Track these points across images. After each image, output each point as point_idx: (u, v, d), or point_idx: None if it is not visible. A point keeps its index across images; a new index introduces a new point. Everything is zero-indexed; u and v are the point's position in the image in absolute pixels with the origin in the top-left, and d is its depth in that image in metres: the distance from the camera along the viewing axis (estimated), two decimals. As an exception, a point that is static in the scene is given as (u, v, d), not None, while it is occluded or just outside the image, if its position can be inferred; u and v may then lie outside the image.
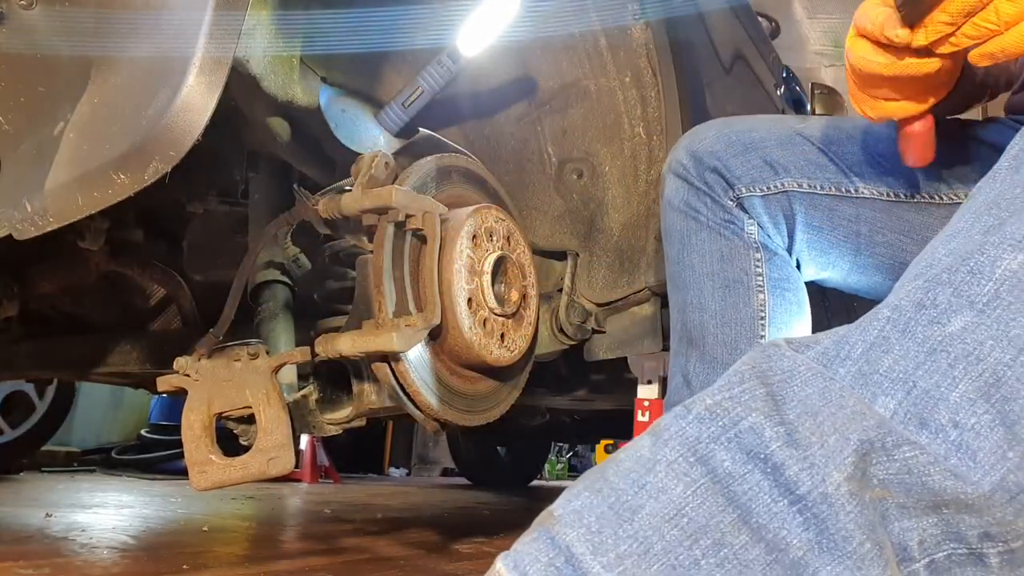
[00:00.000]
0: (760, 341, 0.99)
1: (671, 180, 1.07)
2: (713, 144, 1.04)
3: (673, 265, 1.07)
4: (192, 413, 1.11)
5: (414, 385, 1.10)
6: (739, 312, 1.00)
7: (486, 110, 1.58)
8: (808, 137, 1.01)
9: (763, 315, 1.00)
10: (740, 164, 1.01)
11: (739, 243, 1.02)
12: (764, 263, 1.02)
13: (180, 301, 1.76)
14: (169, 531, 2.01)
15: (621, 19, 1.44)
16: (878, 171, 0.99)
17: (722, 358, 1.00)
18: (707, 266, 1.03)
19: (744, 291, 1.01)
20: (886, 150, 0.99)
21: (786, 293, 1.03)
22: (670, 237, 1.07)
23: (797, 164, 1.00)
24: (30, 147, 0.87)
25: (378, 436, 5.91)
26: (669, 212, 1.07)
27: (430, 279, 1.12)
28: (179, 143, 0.80)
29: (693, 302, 1.03)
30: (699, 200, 1.04)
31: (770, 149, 1.01)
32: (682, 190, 1.05)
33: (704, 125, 1.09)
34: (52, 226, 0.83)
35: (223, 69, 0.81)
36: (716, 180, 1.02)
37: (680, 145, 1.09)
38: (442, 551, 1.87)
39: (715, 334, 1.01)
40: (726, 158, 1.02)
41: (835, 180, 0.99)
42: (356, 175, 1.11)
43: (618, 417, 3.64)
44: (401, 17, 1.30)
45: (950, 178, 0.97)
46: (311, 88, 1.20)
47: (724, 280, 1.01)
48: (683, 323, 1.04)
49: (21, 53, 0.87)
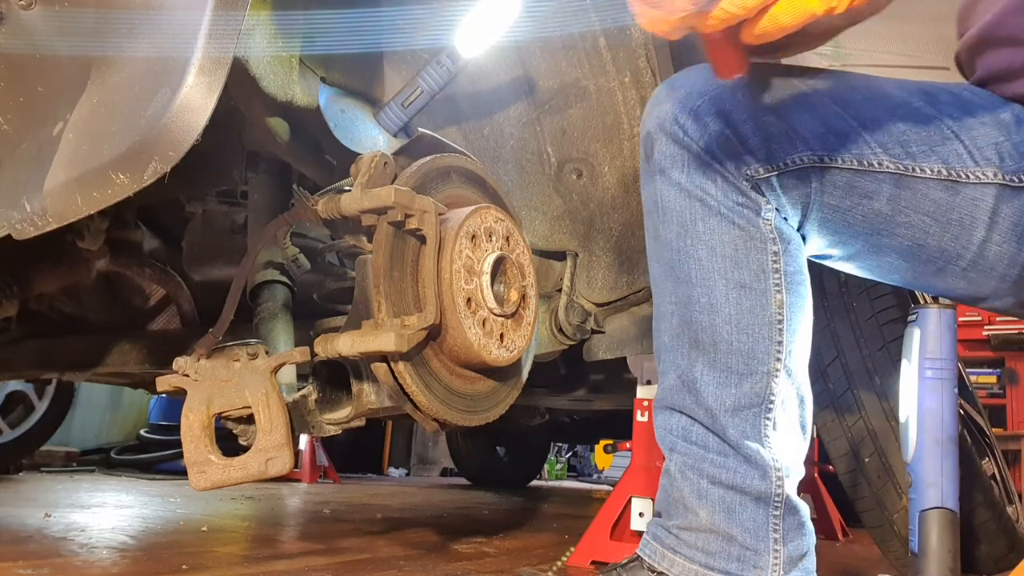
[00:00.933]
0: (777, 347, 0.94)
1: (664, 143, 0.93)
2: (717, 100, 0.90)
3: (671, 251, 0.95)
4: (191, 413, 1.11)
5: (413, 385, 1.10)
6: (756, 317, 0.93)
7: (485, 110, 1.58)
8: (823, 95, 0.92)
9: (781, 317, 0.94)
10: (752, 132, 0.89)
11: (755, 233, 0.92)
12: (781, 256, 0.93)
13: (179, 301, 1.76)
14: (168, 531, 2.01)
15: (621, 19, 1.44)
16: (902, 140, 0.92)
17: (737, 367, 0.93)
18: (718, 262, 0.92)
19: (761, 293, 0.93)
20: (907, 114, 0.92)
21: (800, 288, 0.96)
22: (665, 215, 0.95)
23: (815, 131, 0.90)
24: (29, 147, 0.87)
25: (378, 436, 5.91)
26: (664, 185, 0.94)
27: (429, 279, 1.12)
28: (178, 143, 0.80)
29: (701, 301, 0.94)
30: (707, 177, 0.91)
31: (784, 112, 0.90)
32: (683, 160, 0.92)
33: (696, 72, 0.94)
34: (51, 226, 0.83)
35: (223, 69, 0.81)
36: (726, 151, 0.89)
37: (672, 95, 0.93)
38: (442, 551, 1.87)
39: (729, 341, 0.93)
40: (736, 123, 0.89)
41: (855, 151, 0.91)
42: (355, 175, 1.11)
43: (618, 417, 3.65)
44: (401, 17, 1.30)
45: (977, 154, 0.92)
46: (310, 88, 1.20)
47: (739, 280, 0.92)
48: (686, 321, 0.95)
49: (21, 53, 0.87)
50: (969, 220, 0.92)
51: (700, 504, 0.95)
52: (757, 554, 0.94)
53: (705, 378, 0.95)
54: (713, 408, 0.94)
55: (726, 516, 0.94)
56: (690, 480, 0.96)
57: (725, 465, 0.94)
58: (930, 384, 1.10)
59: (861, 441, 1.64)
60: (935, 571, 1.05)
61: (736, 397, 0.94)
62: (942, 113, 0.94)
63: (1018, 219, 0.92)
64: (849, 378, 1.65)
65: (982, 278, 0.96)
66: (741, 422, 0.94)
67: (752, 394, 0.94)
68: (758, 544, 0.94)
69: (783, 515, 0.95)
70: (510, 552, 1.92)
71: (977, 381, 4.53)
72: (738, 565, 0.94)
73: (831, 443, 1.68)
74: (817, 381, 1.68)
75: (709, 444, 0.95)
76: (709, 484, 0.95)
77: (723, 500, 0.94)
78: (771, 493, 0.94)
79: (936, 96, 0.97)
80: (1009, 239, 0.93)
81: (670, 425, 0.99)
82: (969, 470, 1.57)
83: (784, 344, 0.94)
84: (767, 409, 0.95)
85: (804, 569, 0.96)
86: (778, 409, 0.95)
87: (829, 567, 1.94)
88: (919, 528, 1.07)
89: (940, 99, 0.96)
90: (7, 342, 1.92)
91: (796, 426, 0.99)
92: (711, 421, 0.95)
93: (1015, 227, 0.92)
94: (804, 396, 0.99)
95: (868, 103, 0.94)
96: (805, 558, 0.97)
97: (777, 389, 0.95)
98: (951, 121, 0.94)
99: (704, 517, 0.95)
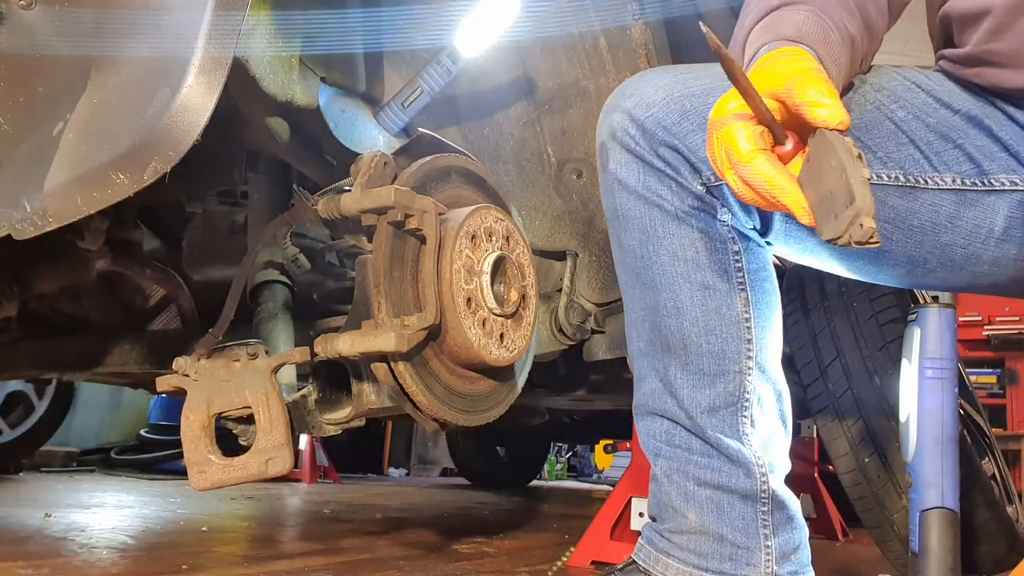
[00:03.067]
0: (747, 345, 0.94)
1: (618, 152, 0.94)
2: (664, 113, 0.91)
3: (635, 258, 0.96)
4: (191, 413, 1.11)
5: (413, 385, 1.10)
6: (723, 317, 0.94)
7: (485, 110, 1.58)
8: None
9: (747, 315, 0.94)
10: (702, 142, 0.89)
11: (714, 235, 0.93)
12: (743, 255, 0.94)
13: (179, 301, 1.76)
14: (168, 531, 2.01)
15: (621, 19, 1.44)
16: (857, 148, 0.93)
17: (709, 369, 0.94)
18: (680, 266, 0.93)
19: (726, 293, 0.94)
20: (859, 121, 0.92)
21: (764, 284, 0.97)
22: (627, 223, 0.96)
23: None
24: (30, 147, 0.87)
25: (378, 436, 5.91)
26: (621, 193, 0.95)
27: (429, 279, 1.12)
28: (178, 143, 0.80)
29: (668, 306, 0.94)
30: (661, 183, 0.92)
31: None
32: (636, 168, 0.93)
33: (648, 78, 0.95)
34: (52, 226, 0.83)
35: (223, 69, 0.81)
36: (677, 160, 0.91)
37: (621, 104, 0.94)
38: (442, 551, 1.87)
39: (698, 343, 0.94)
40: (683, 134, 0.90)
41: None
42: (355, 175, 1.11)
43: (618, 417, 3.65)
44: (401, 17, 1.30)
45: (937, 162, 0.92)
46: (310, 88, 1.20)
47: (702, 282, 0.93)
48: (656, 326, 0.96)
49: (21, 53, 0.87)
50: (930, 226, 0.92)
51: (688, 507, 0.96)
52: (749, 552, 0.94)
53: (679, 381, 0.95)
54: (690, 409, 0.95)
55: (715, 516, 0.95)
56: (677, 484, 0.96)
57: (710, 466, 0.95)
58: (930, 384, 1.10)
59: (861, 441, 1.64)
60: (935, 571, 1.05)
61: (711, 398, 0.94)
62: (895, 116, 0.94)
63: (980, 222, 0.92)
64: (849, 378, 1.65)
65: (953, 276, 0.97)
66: (719, 422, 0.94)
67: (727, 393, 0.95)
68: (749, 542, 0.94)
69: (771, 510, 0.95)
70: (510, 552, 1.92)
71: (977, 381, 4.53)
72: (731, 564, 0.94)
73: (831, 443, 1.68)
74: (817, 381, 1.68)
75: (693, 447, 0.96)
76: (696, 486, 0.95)
77: (711, 500, 0.95)
78: (757, 490, 0.95)
79: (888, 97, 0.95)
80: (973, 240, 0.93)
81: (653, 430, 0.99)
82: (969, 470, 1.57)
83: (754, 342, 0.95)
84: (743, 407, 0.95)
85: (797, 562, 0.97)
86: (755, 406, 0.96)
87: (829, 567, 1.94)
88: (919, 528, 1.08)
89: (892, 100, 0.95)
90: (7, 342, 1.92)
91: (776, 421, 1.00)
92: (691, 423, 0.95)
93: (977, 229, 0.92)
94: (781, 391, 1.00)
95: None
96: (797, 551, 0.97)
97: (751, 387, 0.95)
98: (904, 125, 0.93)
99: (693, 519, 0.95)
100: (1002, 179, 0.91)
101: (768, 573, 0.94)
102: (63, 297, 1.88)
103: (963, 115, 0.93)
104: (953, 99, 0.94)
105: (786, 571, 0.95)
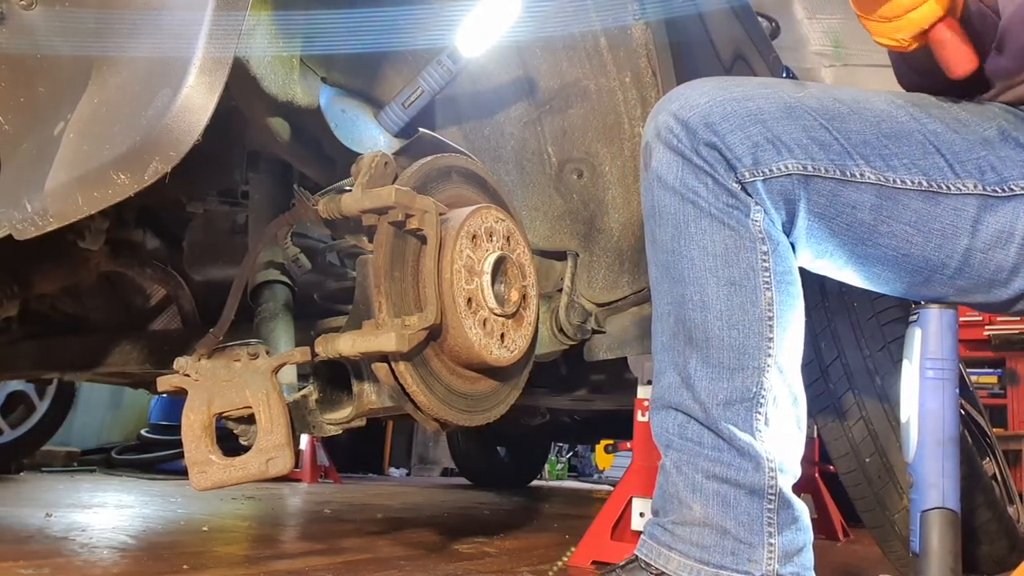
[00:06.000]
0: (768, 343, 0.96)
1: (661, 151, 0.98)
2: (707, 113, 0.95)
3: (666, 253, 0.99)
4: (192, 413, 1.11)
5: (414, 385, 1.10)
6: (746, 313, 0.95)
7: (486, 110, 1.58)
8: (809, 109, 0.96)
9: (771, 314, 0.96)
10: (740, 141, 0.94)
11: (744, 233, 0.95)
12: (771, 256, 0.96)
13: (180, 301, 1.76)
14: (169, 531, 2.01)
15: (621, 19, 1.44)
16: (883, 153, 0.95)
17: (728, 363, 0.95)
18: (709, 261, 0.96)
19: (751, 290, 0.96)
20: (890, 129, 0.96)
21: (790, 287, 0.99)
22: (661, 218, 0.99)
23: (799, 141, 0.95)
24: (30, 147, 0.87)
25: (378, 436, 5.91)
26: (660, 190, 0.98)
27: (430, 279, 1.12)
28: (179, 143, 0.80)
29: (694, 299, 0.96)
30: (698, 180, 0.95)
31: (770, 122, 0.95)
32: (677, 166, 0.96)
33: (694, 86, 1.00)
34: (52, 226, 0.83)
35: (223, 69, 0.81)
36: (715, 158, 0.94)
37: (667, 107, 0.99)
38: (442, 551, 1.87)
39: (720, 337, 0.95)
40: (724, 132, 0.94)
41: (838, 162, 0.95)
42: (356, 175, 1.11)
43: (618, 417, 3.65)
44: (401, 17, 1.30)
45: (959, 168, 0.95)
46: (311, 88, 1.20)
47: (729, 278, 0.95)
48: (680, 319, 0.98)
49: (22, 53, 0.87)
50: (951, 230, 0.96)
51: (694, 498, 0.96)
52: (751, 548, 0.94)
53: (699, 373, 0.97)
54: (706, 402, 0.96)
55: (720, 509, 0.95)
56: (685, 475, 0.97)
57: (719, 459, 0.96)
58: (931, 384, 1.10)
59: (862, 441, 1.64)
60: (936, 571, 1.05)
61: (728, 391, 0.96)
62: (926, 128, 0.98)
63: (1002, 227, 0.96)
64: (850, 378, 1.65)
65: (970, 285, 1.00)
66: (733, 415, 0.95)
67: (743, 388, 0.96)
68: (752, 538, 0.95)
69: (777, 509, 0.96)
70: (511, 552, 1.92)
71: (978, 381, 4.53)
72: (733, 559, 0.94)
73: (832, 443, 1.68)
74: (818, 381, 1.68)
75: (704, 440, 0.97)
76: (704, 478, 0.96)
77: (717, 493, 0.95)
78: (764, 485, 0.95)
79: (923, 110, 1.01)
80: (993, 247, 0.97)
81: (667, 423, 1.00)
82: (970, 470, 1.58)
83: (775, 341, 0.96)
84: (759, 404, 0.96)
85: (800, 564, 0.97)
86: (770, 404, 0.97)
87: (830, 567, 1.94)
88: (920, 528, 1.07)
89: (926, 114, 1.00)
90: (8, 342, 1.92)
91: (791, 424, 1.00)
92: (705, 416, 0.96)
93: (999, 235, 0.96)
94: (797, 395, 1.01)
95: (853, 116, 0.97)
96: (801, 553, 0.97)
97: (768, 384, 0.96)
98: (934, 136, 0.97)
99: (698, 511, 0.96)
100: (1022, 184, 0.96)
101: (770, 571, 0.94)
102: (64, 297, 1.88)
103: (996, 129, 0.99)
104: (986, 114, 1.00)
105: (788, 571, 0.95)
